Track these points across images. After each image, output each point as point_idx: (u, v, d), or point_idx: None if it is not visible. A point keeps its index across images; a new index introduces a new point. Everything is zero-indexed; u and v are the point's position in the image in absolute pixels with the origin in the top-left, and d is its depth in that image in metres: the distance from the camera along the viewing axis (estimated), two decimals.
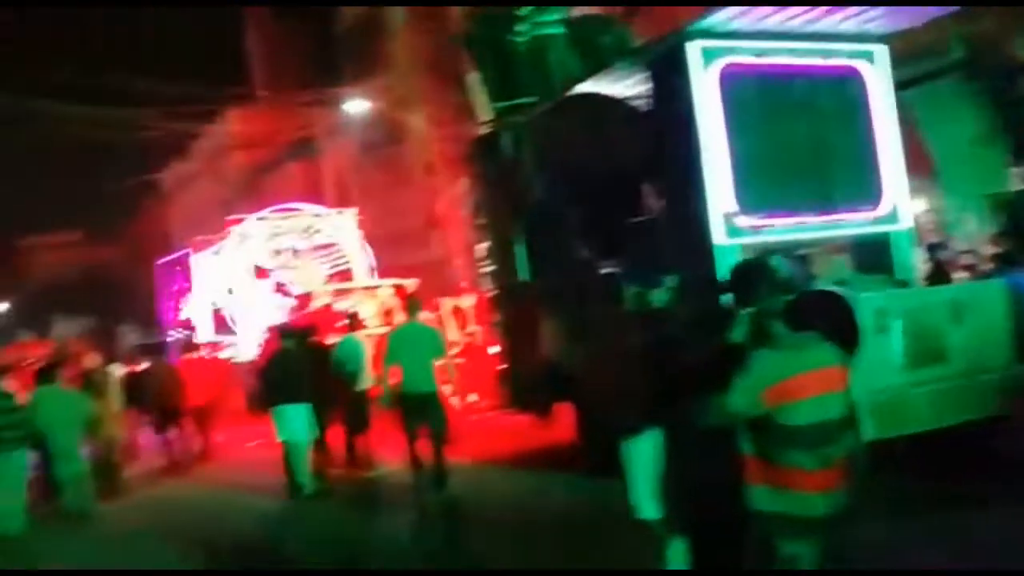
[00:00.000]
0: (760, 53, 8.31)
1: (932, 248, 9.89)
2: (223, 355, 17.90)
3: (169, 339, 22.50)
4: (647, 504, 5.63)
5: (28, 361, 23.84)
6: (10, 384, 11.61)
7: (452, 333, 15.11)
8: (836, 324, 6.59)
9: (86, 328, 34.58)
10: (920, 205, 14.89)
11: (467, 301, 15.20)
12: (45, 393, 10.49)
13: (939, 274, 9.20)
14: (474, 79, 11.87)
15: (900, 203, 8.77)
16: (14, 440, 9.68)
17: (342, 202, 30.62)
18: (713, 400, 4.25)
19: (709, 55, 8.05)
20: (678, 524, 5.02)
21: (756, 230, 8.03)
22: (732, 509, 4.54)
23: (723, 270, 7.62)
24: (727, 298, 7.14)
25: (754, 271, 4.52)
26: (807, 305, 5.12)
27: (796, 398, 4.03)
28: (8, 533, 8.64)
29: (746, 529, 4.39)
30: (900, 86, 9.31)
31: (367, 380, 11.88)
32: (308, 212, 22.72)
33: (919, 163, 14.04)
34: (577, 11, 11.76)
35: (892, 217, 8.71)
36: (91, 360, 13.97)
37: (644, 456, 5.62)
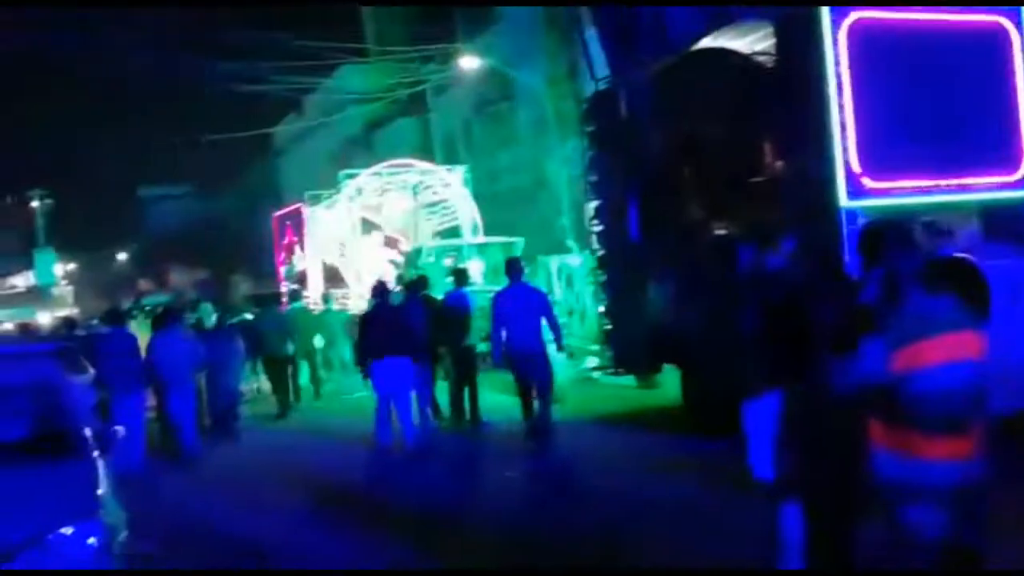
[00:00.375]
0: (894, 7, 7.98)
1: None
2: (334, 307, 18.24)
3: (281, 290, 23.08)
4: (767, 465, 5.54)
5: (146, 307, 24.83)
6: (131, 328, 12.20)
7: (557, 292, 15.12)
8: (968, 291, 6.33)
9: (202, 277, 35.85)
10: None
11: (574, 260, 15.15)
12: (162, 337, 10.95)
13: None
14: (592, 35, 11.72)
15: None
16: (134, 382, 10.27)
17: (451, 158, 30.87)
18: (842, 363, 4.15)
19: (839, 9, 7.76)
20: (796, 486, 4.93)
21: (883, 192, 7.76)
22: (855, 473, 4.44)
23: (847, 232, 7.41)
24: (853, 260, 6.96)
25: (886, 231, 4.39)
26: (938, 270, 4.94)
27: (927, 363, 3.90)
28: (128, 472, 9.08)
29: (868, 495, 4.29)
30: None
31: (475, 335, 12.00)
32: (418, 168, 22.92)
33: None
34: None
35: None
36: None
37: (766, 417, 5.52)
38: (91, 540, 4.87)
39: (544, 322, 10.21)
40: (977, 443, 3.98)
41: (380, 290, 11.26)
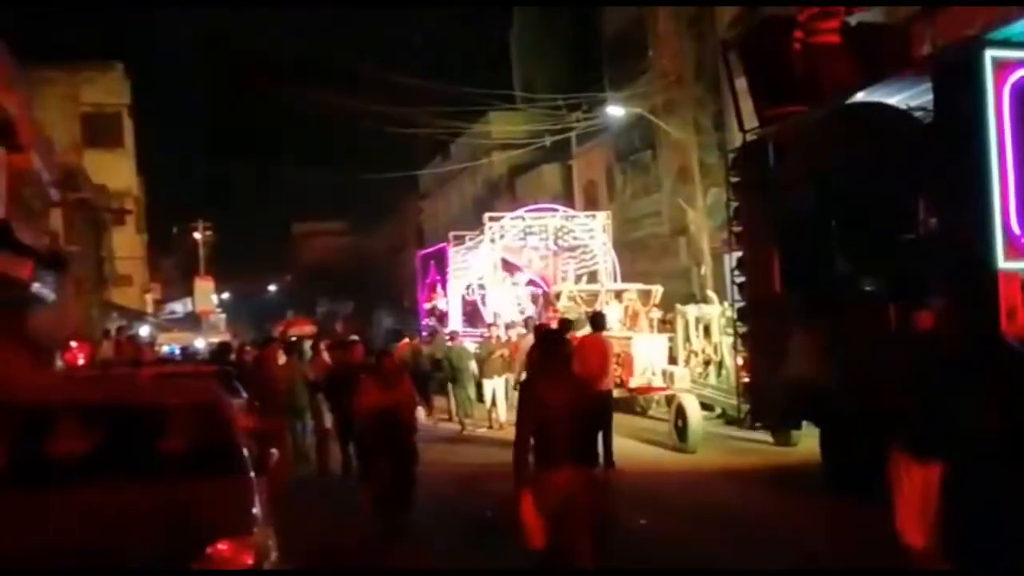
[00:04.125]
0: None
1: None
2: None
3: (422, 326, 23.67)
4: (915, 530, 5.40)
5: (293, 336, 25.80)
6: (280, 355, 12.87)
7: (694, 342, 14.99)
8: None
9: (346, 310, 37.00)
10: None
11: (713, 311, 15.00)
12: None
13: None
14: (742, 86, 11.71)
15: None
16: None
17: (591, 205, 31.09)
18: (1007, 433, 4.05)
19: (1002, 66, 7.56)
20: (959, 558, 4.78)
21: None
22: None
23: (1006, 295, 7.17)
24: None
25: None
26: None
27: None
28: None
29: None
30: None
31: (607, 380, 12.07)
32: (561, 214, 23.23)
33: None
34: (855, 18, 11.35)
35: None
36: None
37: (915, 481, 5.39)
38: (246, 559, 5.11)
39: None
40: None
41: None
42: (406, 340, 19.68)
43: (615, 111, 27.10)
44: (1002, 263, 7.36)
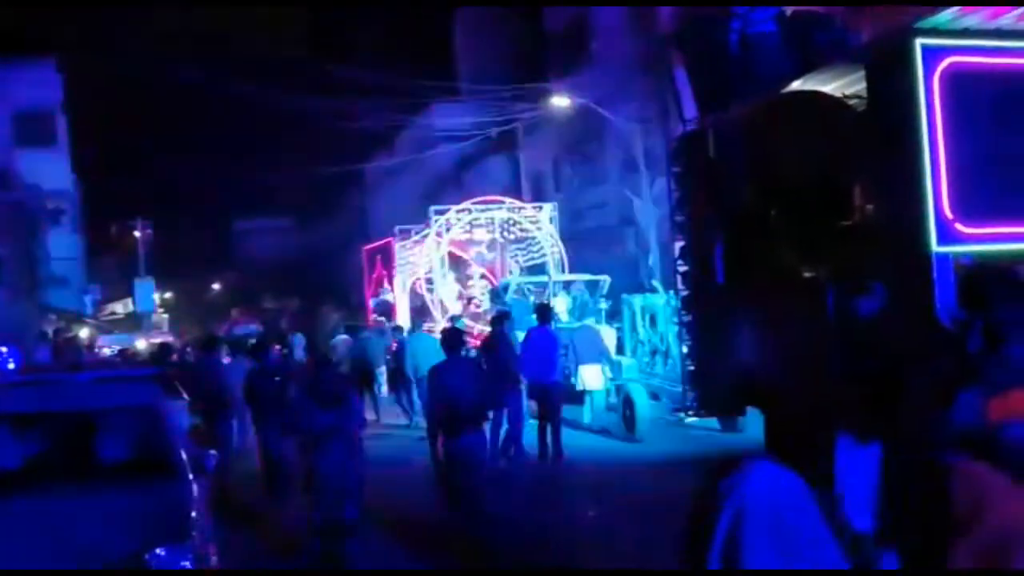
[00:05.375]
0: (990, 52, 7.87)
1: None
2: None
3: (370, 322, 23.52)
4: (860, 515, 5.46)
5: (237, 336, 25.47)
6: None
7: (641, 332, 15.08)
8: None
9: (292, 307, 36.65)
10: None
11: (658, 300, 15.10)
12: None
13: None
14: (681, 76, 11.78)
15: None
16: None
17: (539, 196, 31.11)
18: (936, 414, 4.11)
19: (933, 53, 7.68)
20: (892, 538, 4.86)
21: (976, 238, 7.61)
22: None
23: (939, 278, 7.29)
24: (949, 307, 6.84)
25: (989, 279, 4.34)
26: None
27: (1020, 412, 3.84)
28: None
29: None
30: None
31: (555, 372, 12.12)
32: (507, 205, 23.21)
33: None
34: (792, 8, 11.47)
35: None
36: None
37: (858, 466, 5.45)
38: (184, 563, 5.06)
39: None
40: None
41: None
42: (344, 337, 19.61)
43: (560, 102, 27.15)
44: (935, 247, 7.48)
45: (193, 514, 5.50)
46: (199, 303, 54.29)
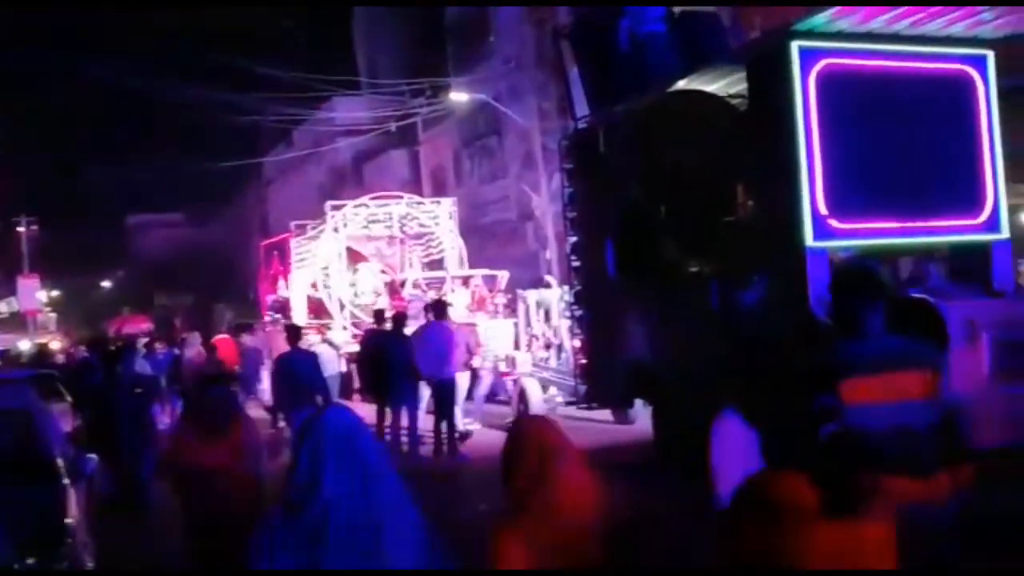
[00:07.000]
0: (863, 54, 8.20)
1: None
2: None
3: (266, 319, 23.14)
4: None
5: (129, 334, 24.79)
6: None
7: (535, 326, 15.22)
8: (926, 331, 6.49)
9: (186, 305, 35.84)
10: None
11: (552, 295, 15.25)
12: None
13: None
14: (574, 75, 11.92)
15: (1001, 212, 8.55)
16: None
17: (439, 191, 31.07)
18: (806, 399, 4.27)
19: (809, 55, 7.96)
20: None
21: (850, 234, 7.93)
22: None
23: (813, 271, 7.57)
24: (822, 298, 7.11)
25: (853, 272, 4.52)
26: (898, 310, 5.08)
27: (869, 399, 4.01)
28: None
29: None
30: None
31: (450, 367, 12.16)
32: (405, 201, 23.10)
33: None
34: (680, 9, 11.72)
35: (992, 226, 8.48)
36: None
37: (732, 449, 5.63)
38: (58, 567, 4.93)
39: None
40: (932, 485, 4.04)
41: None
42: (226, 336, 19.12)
43: (458, 97, 27.16)
44: (810, 242, 7.76)
45: (69, 520, 5.35)
46: (88, 302, 52.54)
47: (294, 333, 11.89)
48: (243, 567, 2.70)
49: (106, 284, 58.87)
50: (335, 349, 16.59)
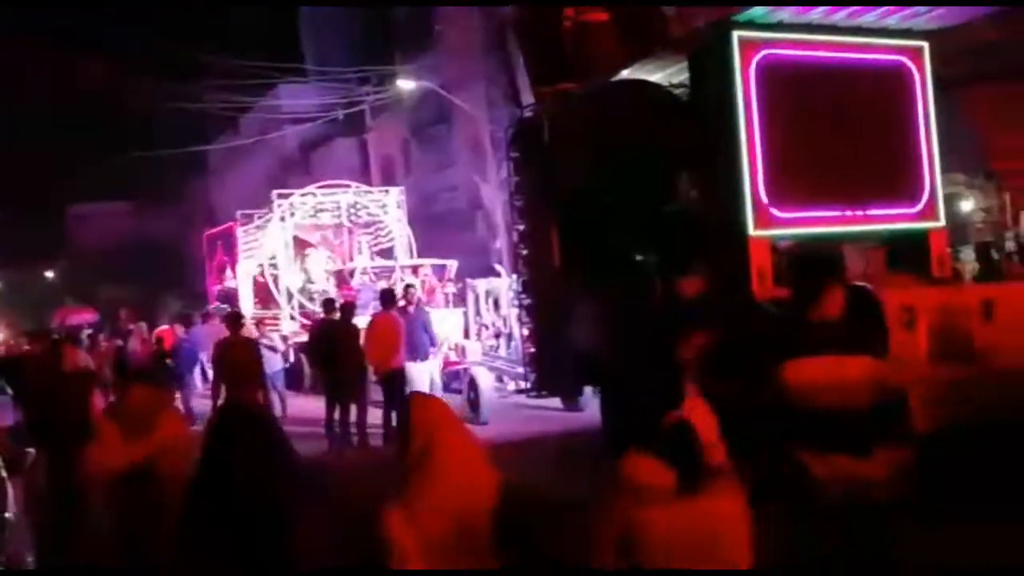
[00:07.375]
0: (802, 45, 8.32)
1: (984, 247, 9.85)
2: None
3: (212, 310, 22.89)
4: None
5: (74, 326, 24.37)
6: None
7: (484, 315, 15.25)
8: (864, 318, 6.63)
9: (131, 296, 35.21)
10: (976, 203, 14.80)
11: (501, 284, 15.29)
12: None
13: (991, 273, 9.18)
14: (519, 62, 11.93)
15: (938, 200, 8.75)
16: None
17: (388, 179, 30.91)
18: (751, 380, 4.36)
19: (748, 46, 8.07)
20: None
21: (790, 222, 8.06)
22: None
23: (756, 261, 7.69)
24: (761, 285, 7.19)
25: (819, 254, 4.64)
26: (835, 297, 5.19)
27: (814, 380, 4.10)
28: None
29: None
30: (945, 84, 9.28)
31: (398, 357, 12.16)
32: (353, 190, 22.96)
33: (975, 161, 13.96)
34: None
35: (929, 214, 8.68)
36: None
37: None
38: None
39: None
40: (872, 465, 4.14)
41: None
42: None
43: (406, 85, 27.02)
44: (752, 231, 7.88)
45: (8, 514, 5.28)
46: (29, 293, 51.47)
47: (234, 321, 12.08)
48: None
49: (49, 275, 57.69)
50: (274, 351, 15.86)
